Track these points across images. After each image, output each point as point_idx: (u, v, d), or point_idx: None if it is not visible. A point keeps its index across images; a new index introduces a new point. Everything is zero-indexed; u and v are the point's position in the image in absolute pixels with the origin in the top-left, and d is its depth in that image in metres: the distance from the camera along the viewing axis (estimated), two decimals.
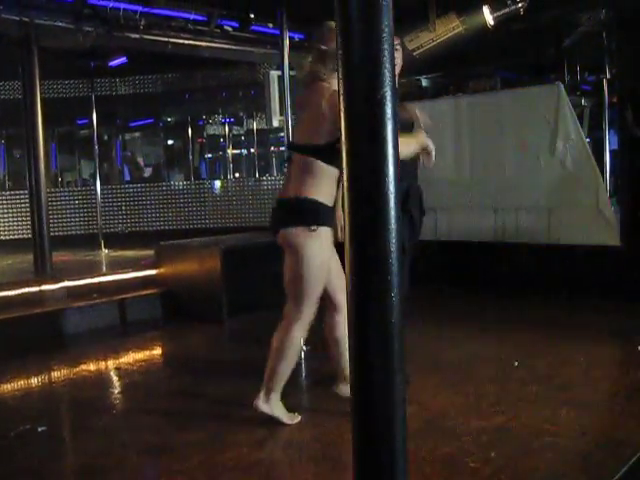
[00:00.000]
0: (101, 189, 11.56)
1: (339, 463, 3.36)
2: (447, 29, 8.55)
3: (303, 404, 4.55)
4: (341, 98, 1.49)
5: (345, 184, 1.48)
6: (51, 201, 9.95)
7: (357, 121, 1.49)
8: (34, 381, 5.42)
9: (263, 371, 4.92)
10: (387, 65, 1.49)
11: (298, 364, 4.39)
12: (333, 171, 3.61)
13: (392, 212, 1.46)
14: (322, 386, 4.56)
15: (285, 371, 3.86)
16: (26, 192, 11.70)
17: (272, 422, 3.95)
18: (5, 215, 11.97)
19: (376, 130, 1.46)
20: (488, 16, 8.11)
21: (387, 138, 1.46)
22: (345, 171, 1.49)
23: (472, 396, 4.27)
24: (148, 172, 15.22)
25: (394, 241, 1.46)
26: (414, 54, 8.45)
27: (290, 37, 7.73)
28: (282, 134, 11.80)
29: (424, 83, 11.41)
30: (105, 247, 10.40)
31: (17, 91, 11.72)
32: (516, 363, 4.90)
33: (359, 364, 1.59)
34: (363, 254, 1.50)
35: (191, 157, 13.50)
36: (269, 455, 3.59)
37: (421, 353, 5.09)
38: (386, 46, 1.49)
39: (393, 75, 1.49)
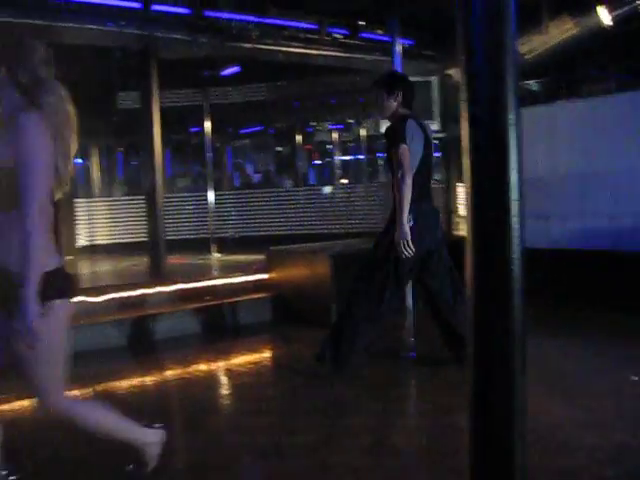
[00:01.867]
0: (212, 195, 11.85)
1: (452, 472, 3.32)
2: (560, 31, 8.32)
3: (410, 411, 4.55)
4: (464, 104, 1.48)
5: (469, 191, 1.47)
6: (165, 206, 10.29)
7: (480, 127, 1.48)
8: (149, 379, 5.61)
9: (369, 376, 4.95)
10: (510, 69, 1.47)
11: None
12: None
13: (515, 219, 1.44)
14: (428, 395, 4.53)
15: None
16: (141, 197, 12.21)
17: (382, 429, 3.96)
18: (122, 219, 12.46)
19: (499, 136, 1.45)
20: (605, 16, 7.84)
21: (510, 144, 1.45)
22: (469, 178, 1.48)
23: (588, 410, 4.14)
24: (257, 178, 15.51)
25: (517, 247, 1.45)
26: (525, 58, 8.27)
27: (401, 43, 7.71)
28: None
29: (534, 87, 11.15)
30: (216, 251, 10.64)
31: (135, 101, 12.22)
32: (636, 378, 4.71)
33: (479, 370, 1.57)
34: (485, 260, 1.49)
35: (299, 163, 13.66)
36: (377, 461, 3.58)
37: (534, 363, 4.96)
38: (509, 51, 1.47)
39: (516, 80, 1.48)
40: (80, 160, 13.87)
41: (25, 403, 4.83)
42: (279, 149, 15.03)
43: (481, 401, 1.62)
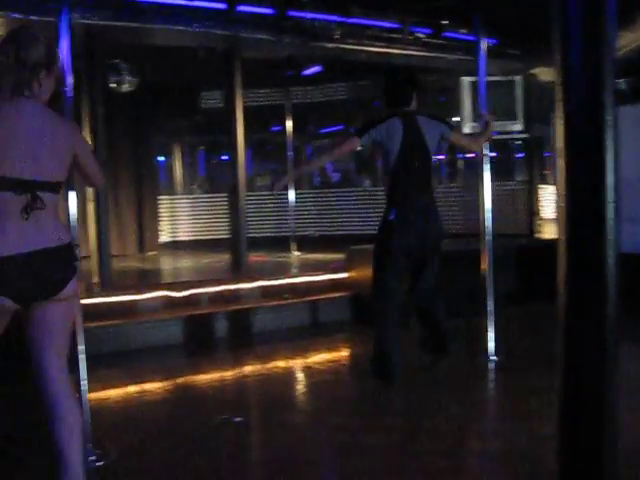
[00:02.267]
0: (293, 193, 11.93)
1: (532, 477, 3.27)
2: None
3: (489, 415, 4.50)
4: (559, 104, 1.46)
5: (562, 193, 1.46)
6: (246, 204, 10.43)
7: (576, 128, 1.46)
8: (229, 374, 5.71)
9: (448, 379, 4.92)
10: (608, 69, 1.45)
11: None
12: None
13: (611, 222, 1.42)
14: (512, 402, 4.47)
15: None
16: (220, 195, 12.41)
17: (461, 432, 3.93)
18: (203, 216, 12.69)
19: (596, 137, 1.43)
20: None
21: (607, 145, 1.43)
22: (563, 179, 1.46)
23: None
24: (336, 177, 15.55)
25: (613, 251, 1.42)
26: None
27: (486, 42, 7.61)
28: None
29: (622, 86, 10.83)
30: (296, 249, 10.72)
31: (217, 100, 12.43)
32: None
33: (569, 375, 1.55)
34: (579, 263, 1.46)
35: (379, 163, 13.63)
36: (456, 464, 3.56)
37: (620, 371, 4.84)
38: (607, 50, 1.45)
39: (614, 80, 1.45)
40: (163, 158, 14.20)
41: (112, 392, 5.00)
42: (359, 148, 15.03)
43: (571, 406, 1.59)
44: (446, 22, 8.59)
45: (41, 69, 2.79)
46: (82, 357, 3.62)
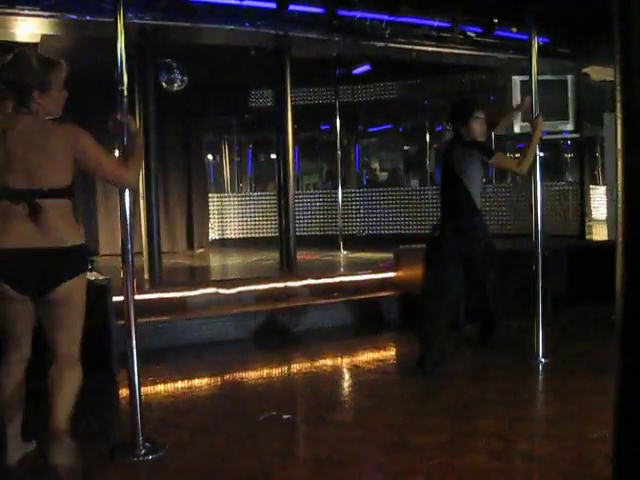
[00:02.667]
0: (340, 192, 11.95)
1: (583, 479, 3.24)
2: None
3: (539, 417, 4.46)
4: (619, 106, 1.45)
5: (621, 194, 1.44)
6: (295, 202, 10.49)
7: (635, 128, 1.45)
8: (277, 371, 5.75)
9: (496, 380, 4.89)
10: None
11: None
12: None
13: None
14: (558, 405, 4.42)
15: None
16: (269, 193, 12.50)
17: (510, 433, 3.90)
18: (251, 214, 12.79)
19: None
20: None
21: None
22: (621, 181, 1.45)
23: None
24: (384, 177, 15.54)
25: None
26: None
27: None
28: (522, 141, 11.60)
29: None
30: (344, 248, 10.74)
31: (266, 99, 12.52)
32: None
33: (626, 381, 1.53)
34: (637, 266, 1.45)
35: (428, 163, 13.58)
36: (505, 465, 3.53)
37: None
38: None
39: None
40: (211, 157, 14.35)
41: (161, 387, 5.07)
42: (407, 148, 14.98)
43: (627, 411, 1.58)
44: (497, 20, 8.52)
45: (32, 90, 3.13)
46: (133, 352, 3.67)
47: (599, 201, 11.14)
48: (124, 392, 4.58)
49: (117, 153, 3.61)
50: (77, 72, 3.80)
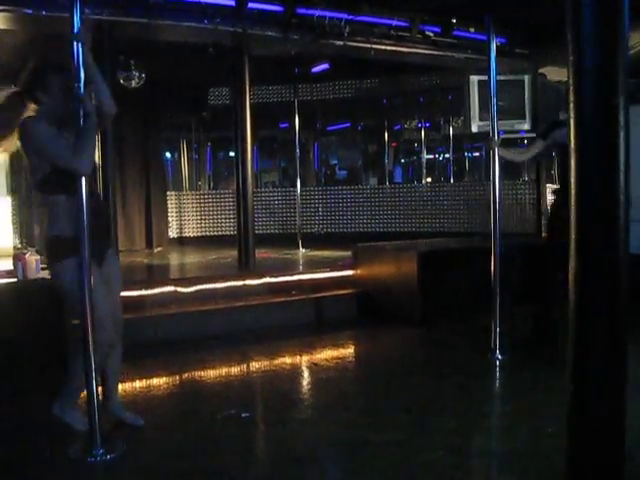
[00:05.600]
0: (299, 191, 11.94)
1: (537, 477, 3.28)
2: None
3: (496, 413, 4.52)
4: (572, 106, 1.48)
5: (574, 192, 1.47)
6: (254, 201, 10.45)
7: (588, 129, 1.48)
8: (235, 370, 5.74)
9: (453, 377, 4.94)
10: (621, 70, 1.46)
11: None
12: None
13: (622, 222, 1.43)
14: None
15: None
16: (228, 192, 12.44)
17: (467, 429, 3.95)
18: (210, 213, 12.73)
19: (608, 138, 1.44)
20: None
21: (620, 146, 1.44)
22: (575, 179, 1.48)
23: None
24: (343, 175, 15.57)
25: (623, 250, 1.43)
26: None
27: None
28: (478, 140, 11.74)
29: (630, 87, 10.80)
30: (303, 246, 10.74)
31: (225, 97, 12.46)
32: None
33: (578, 374, 1.56)
34: (589, 262, 1.48)
35: (386, 161, 13.64)
36: (463, 461, 3.57)
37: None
38: (621, 51, 1.46)
39: (627, 81, 1.46)
40: (169, 155, 14.23)
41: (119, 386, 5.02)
42: (365, 146, 15.03)
43: (580, 403, 1.61)
44: (455, 20, 8.59)
45: (27, 93, 3.63)
46: (90, 351, 3.61)
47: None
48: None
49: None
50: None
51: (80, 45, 3.52)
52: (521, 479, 3.30)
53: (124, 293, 6.56)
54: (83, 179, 3.55)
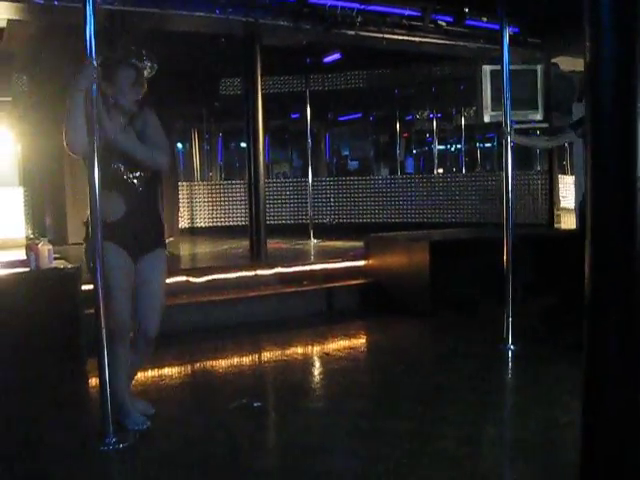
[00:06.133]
0: (311, 181, 11.93)
1: (550, 467, 3.28)
2: None
3: (508, 404, 4.51)
4: (588, 91, 1.47)
5: (589, 180, 1.46)
6: (265, 191, 10.44)
7: (604, 116, 1.46)
8: (247, 360, 5.76)
9: (465, 367, 4.93)
10: (638, 57, 1.44)
11: None
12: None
13: (637, 209, 1.42)
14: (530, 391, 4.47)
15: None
16: (239, 182, 12.44)
17: (479, 419, 3.94)
18: (221, 203, 12.73)
19: (624, 125, 1.43)
20: None
21: (636, 133, 1.42)
22: (589, 168, 1.46)
23: None
24: (354, 166, 15.56)
25: (637, 241, 1.42)
26: None
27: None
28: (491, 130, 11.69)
29: None
30: (314, 237, 10.73)
31: (236, 87, 12.44)
32: None
33: (593, 365, 1.55)
34: (605, 253, 1.47)
35: (398, 151, 13.61)
36: (474, 451, 3.57)
37: None
38: (638, 40, 1.44)
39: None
40: (181, 145, 14.25)
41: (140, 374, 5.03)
42: (377, 137, 15.00)
43: (594, 395, 1.60)
44: (467, 10, 8.54)
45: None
46: (103, 341, 3.62)
47: (567, 190, 11.22)
48: (94, 381, 4.54)
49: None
50: (45, 59, 3.78)
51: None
52: (533, 469, 3.29)
53: None
54: (95, 167, 3.57)
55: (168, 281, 6.76)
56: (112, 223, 3.71)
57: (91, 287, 3.68)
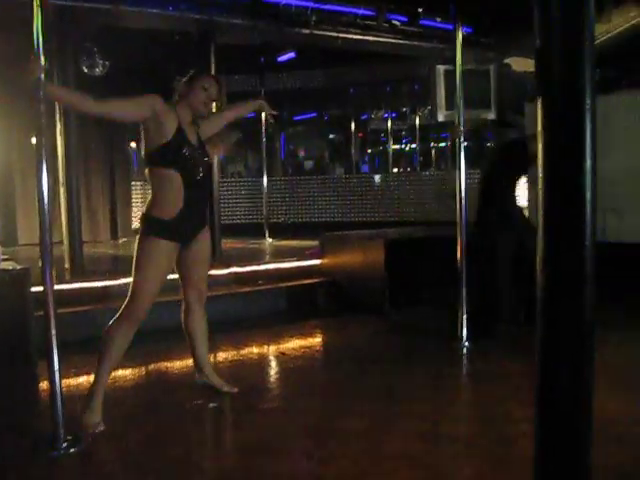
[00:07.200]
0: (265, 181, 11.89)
1: (505, 461, 3.31)
2: (624, 19, 8.13)
3: (462, 400, 4.54)
4: (538, 89, 1.47)
5: (541, 178, 1.47)
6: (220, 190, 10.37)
7: (555, 113, 1.47)
8: None
9: (420, 364, 4.95)
10: (588, 55, 1.45)
11: None
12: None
13: (589, 207, 1.43)
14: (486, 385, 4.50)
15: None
16: None
17: (435, 416, 3.96)
18: None
19: (575, 122, 1.44)
20: None
21: (586, 130, 1.43)
22: (542, 165, 1.47)
23: None
24: (309, 164, 15.56)
25: (589, 237, 1.43)
26: None
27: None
28: (445, 129, 11.78)
29: None
30: (270, 236, 10.70)
31: None
32: None
33: (546, 361, 1.56)
34: (556, 249, 1.48)
35: (353, 151, 13.65)
36: (431, 448, 3.58)
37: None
38: (587, 36, 1.45)
39: (593, 66, 1.46)
40: (134, 144, 14.07)
41: (84, 378, 4.96)
42: (332, 136, 15.02)
43: (547, 391, 1.61)
44: (421, 10, 8.60)
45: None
46: (53, 343, 3.55)
47: (519, 189, 11.37)
48: (45, 385, 4.45)
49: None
50: None
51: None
52: (489, 464, 3.32)
53: (87, 285, 6.58)
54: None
55: (119, 283, 6.74)
56: (170, 219, 3.98)
57: (41, 289, 3.60)
